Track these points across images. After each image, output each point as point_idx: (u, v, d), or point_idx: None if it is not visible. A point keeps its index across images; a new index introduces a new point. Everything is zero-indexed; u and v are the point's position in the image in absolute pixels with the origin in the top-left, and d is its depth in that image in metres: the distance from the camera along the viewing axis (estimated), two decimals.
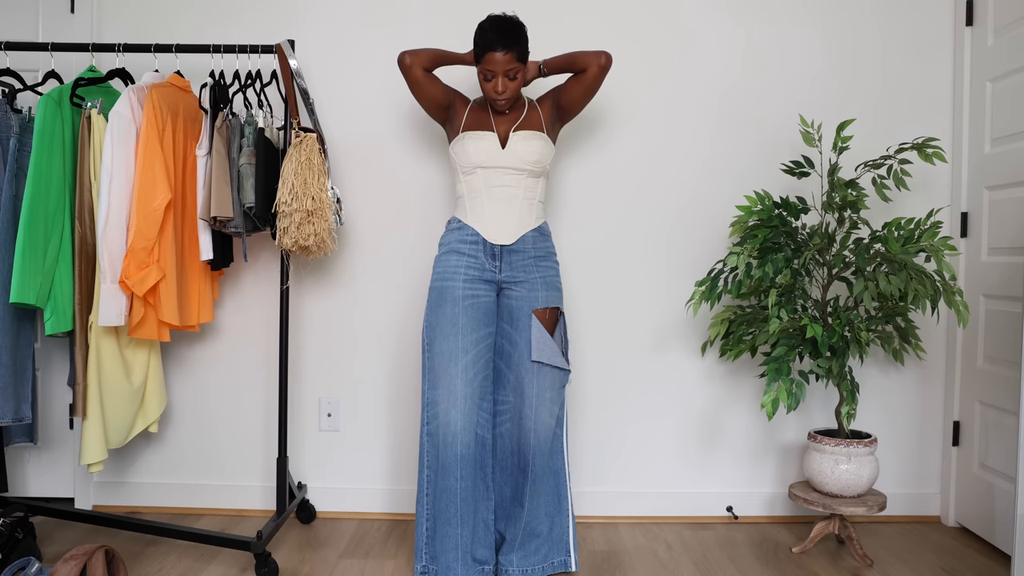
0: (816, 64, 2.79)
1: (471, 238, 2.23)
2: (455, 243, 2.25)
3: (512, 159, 2.22)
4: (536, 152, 2.23)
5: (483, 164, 2.22)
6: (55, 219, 2.24)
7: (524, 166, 2.22)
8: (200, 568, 2.34)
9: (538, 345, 2.19)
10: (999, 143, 2.58)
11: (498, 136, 2.24)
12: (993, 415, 2.57)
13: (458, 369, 2.15)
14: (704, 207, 2.80)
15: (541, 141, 2.24)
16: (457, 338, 2.17)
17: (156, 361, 2.47)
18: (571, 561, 2.28)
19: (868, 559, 2.42)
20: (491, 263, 2.23)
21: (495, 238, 2.22)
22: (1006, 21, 2.55)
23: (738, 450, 2.83)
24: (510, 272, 2.24)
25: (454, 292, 2.19)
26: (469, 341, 2.18)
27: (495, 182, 2.23)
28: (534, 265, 2.25)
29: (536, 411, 2.18)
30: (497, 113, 2.28)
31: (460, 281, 2.20)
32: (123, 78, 2.46)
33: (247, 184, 2.31)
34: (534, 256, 2.25)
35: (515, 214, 2.24)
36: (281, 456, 2.45)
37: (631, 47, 2.78)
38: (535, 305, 2.22)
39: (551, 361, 2.19)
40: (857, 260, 2.34)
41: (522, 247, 2.24)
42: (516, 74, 2.17)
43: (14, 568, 1.97)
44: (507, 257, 2.23)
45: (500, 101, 2.20)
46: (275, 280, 2.81)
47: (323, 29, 2.79)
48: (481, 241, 2.23)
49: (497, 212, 2.23)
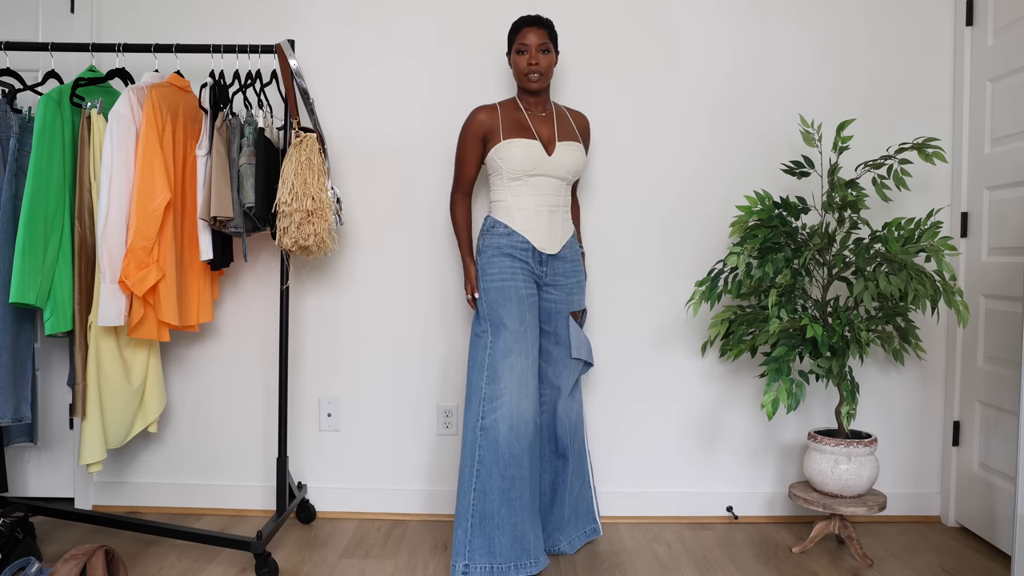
0: (816, 64, 2.79)
1: (522, 245, 2.33)
2: (507, 247, 2.32)
3: (557, 167, 2.34)
4: (578, 163, 2.38)
5: (530, 172, 2.31)
6: (55, 219, 2.24)
7: (567, 175, 2.36)
8: (200, 568, 2.34)
9: (577, 344, 2.40)
10: (999, 143, 2.58)
11: (542, 142, 2.35)
12: (993, 415, 2.57)
13: (529, 362, 2.28)
14: (703, 206, 2.80)
15: (581, 152, 2.40)
16: (526, 334, 2.29)
17: (156, 361, 2.47)
18: (598, 527, 2.53)
19: (868, 559, 2.42)
20: (539, 268, 2.37)
21: (544, 247, 2.35)
22: (1006, 21, 2.55)
23: (738, 450, 2.83)
24: (552, 276, 2.40)
25: (518, 291, 2.31)
26: (534, 337, 2.33)
27: (540, 189, 2.34)
28: (572, 270, 2.42)
29: (568, 401, 2.41)
30: (532, 115, 2.38)
31: (521, 281, 2.32)
32: (123, 78, 2.46)
33: (247, 184, 2.31)
34: (571, 261, 2.43)
35: (558, 223, 2.39)
36: (281, 456, 2.45)
37: (629, 46, 2.78)
38: (571, 307, 2.42)
39: (587, 357, 2.43)
40: (857, 260, 2.34)
41: (564, 254, 2.41)
42: (548, 48, 2.31)
43: (14, 568, 1.97)
44: (551, 263, 2.39)
45: (533, 75, 2.31)
46: (275, 280, 2.81)
47: (323, 29, 2.79)
48: (531, 249, 2.34)
49: (543, 221, 2.35)
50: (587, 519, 2.51)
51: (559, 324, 2.40)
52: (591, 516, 2.52)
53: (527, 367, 2.26)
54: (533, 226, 2.32)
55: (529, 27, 2.30)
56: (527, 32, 2.30)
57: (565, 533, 2.44)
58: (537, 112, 2.38)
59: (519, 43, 2.31)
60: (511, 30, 2.35)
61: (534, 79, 2.31)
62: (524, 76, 2.32)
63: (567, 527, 2.44)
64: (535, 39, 2.29)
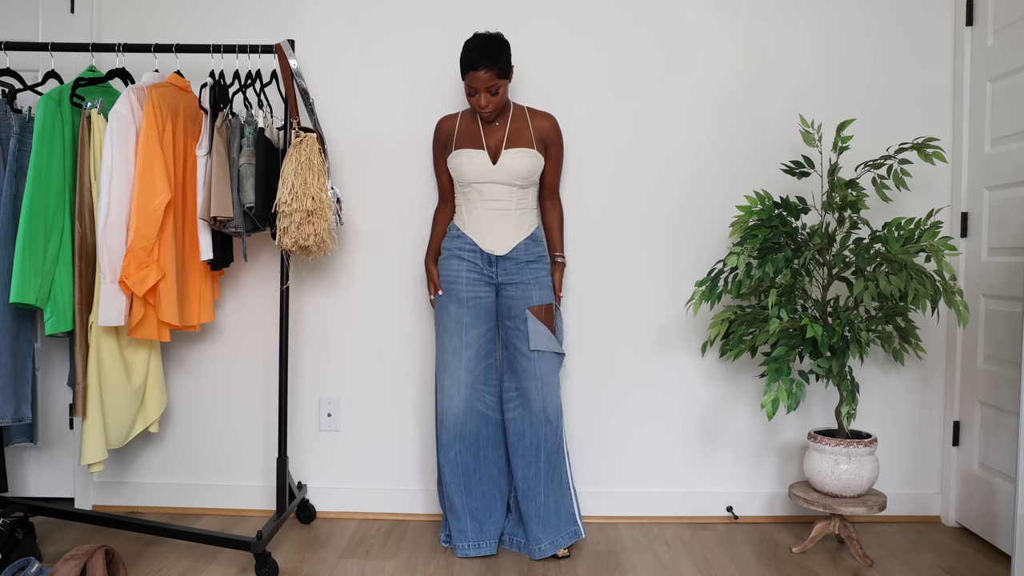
0: (815, 64, 2.79)
1: (469, 246, 2.46)
2: (456, 249, 2.48)
3: (503, 174, 2.41)
4: (526, 168, 2.42)
5: (476, 180, 2.42)
6: (55, 219, 2.24)
7: (515, 181, 2.42)
8: (200, 568, 2.34)
9: (535, 336, 2.43)
10: (999, 143, 2.58)
11: (488, 151, 2.44)
12: (993, 415, 2.57)
13: (461, 361, 2.44)
14: (703, 207, 2.80)
15: (530, 157, 2.43)
16: (461, 334, 2.45)
17: (156, 361, 2.47)
18: (579, 529, 2.49)
19: (868, 559, 2.42)
20: (488, 268, 2.46)
21: (491, 248, 2.45)
22: (1006, 21, 2.55)
23: (738, 450, 2.83)
24: (506, 275, 2.46)
25: (459, 294, 2.45)
26: (471, 336, 2.45)
27: (488, 195, 2.44)
28: (526, 268, 2.47)
29: (543, 392, 2.43)
30: (486, 123, 2.46)
31: (463, 284, 2.45)
32: (123, 78, 2.46)
33: (247, 184, 2.31)
34: (526, 261, 2.47)
35: (509, 225, 2.45)
36: (281, 456, 2.45)
37: (629, 46, 2.78)
38: (529, 303, 2.45)
39: (548, 348, 2.45)
40: (857, 260, 2.34)
41: (515, 255, 2.46)
42: (498, 89, 2.34)
43: (14, 568, 1.97)
44: (502, 263, 2.46)
45: (484, 113, 2.39)
46: (275, 280, 2.81)
47: (323, 29, 2.79)
48: (478, 250, 2.45)
49: (492, 224, 2.45)
50: (567, 520, 2.46)
51: (518, 319, 2.45)
52: (571, 518, 2.47)
53: (460, 364, 2.44)
54: (481, 228, 2.44)
55: (477, 70, 2.28)
56: (476, 75, 2.29)
57: (543, 531, 2.41)
58: (491, 121, 2.45)
59: (469, 84, 2.33)
60: (461, 58, 2.32)
61: (486, 114, 2.38)
62: (477, 113, 2.39)
63: (542, 526, 2.42)
64: (483, 82, 2.30)
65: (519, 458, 2.43)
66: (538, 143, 2.47)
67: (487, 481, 2.49)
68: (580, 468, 2.82)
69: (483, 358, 2.47)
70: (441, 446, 2.45)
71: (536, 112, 2.49)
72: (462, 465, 2.45)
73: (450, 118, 2.51)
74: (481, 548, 2.43)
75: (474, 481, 2.47)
